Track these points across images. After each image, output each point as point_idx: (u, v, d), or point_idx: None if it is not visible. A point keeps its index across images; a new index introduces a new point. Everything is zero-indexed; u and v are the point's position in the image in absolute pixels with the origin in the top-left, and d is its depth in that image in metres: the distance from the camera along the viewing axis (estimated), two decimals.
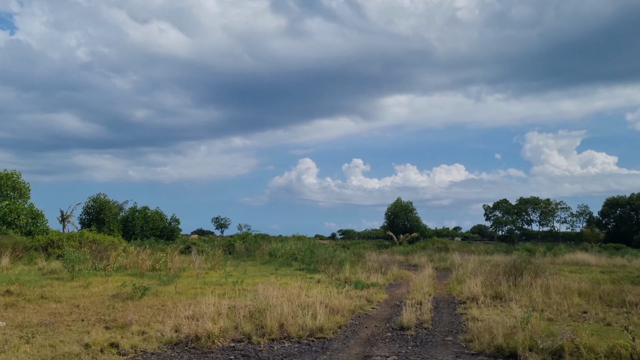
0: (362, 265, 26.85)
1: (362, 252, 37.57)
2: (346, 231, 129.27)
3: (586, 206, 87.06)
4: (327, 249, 30.69)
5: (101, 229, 50.20)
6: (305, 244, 40.14)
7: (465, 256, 38.78)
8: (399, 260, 40.51)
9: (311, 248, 35.72)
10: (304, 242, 47.11)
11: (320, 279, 22.29)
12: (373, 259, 41.57)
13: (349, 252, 46.13)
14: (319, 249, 33.46)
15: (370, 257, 42.54)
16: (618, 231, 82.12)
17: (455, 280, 22.30)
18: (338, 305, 13.92)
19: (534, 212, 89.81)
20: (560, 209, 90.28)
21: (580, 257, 38.82)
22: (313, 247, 38.44)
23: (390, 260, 37.95)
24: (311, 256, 27.84)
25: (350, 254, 39.48)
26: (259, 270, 27.94)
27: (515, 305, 15.11)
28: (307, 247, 37.06)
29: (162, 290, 17.27)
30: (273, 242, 45.26)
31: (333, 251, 28.76)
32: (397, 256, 43.54)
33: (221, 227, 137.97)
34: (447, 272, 30.30)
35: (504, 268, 20.03)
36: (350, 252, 41.57)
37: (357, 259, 35.26)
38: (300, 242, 43.87)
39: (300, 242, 42.51)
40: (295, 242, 40.31)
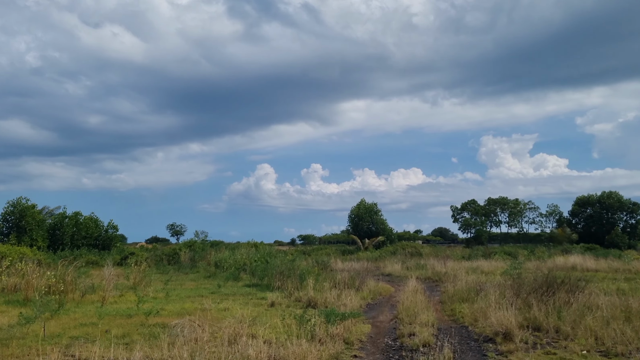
0: (328, 278, 21.14)
1: (325, 260, 31.81)
2: (306, 236, 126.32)
3: (556, 206, 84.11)
4: (285, 257, 24.76)
5: (22, 238, 42.95)
6: (259, 251, 34.19)
7: (445, 262, 33.57)
8: (369, 268, 35.01)
9: (266, 257, 29.80)
10: (259, 250, 41.17)
11: (274, 300, 16.44)
12: (341, 267, 35.96)
13: (311, 259, 40.30)
14: (275, 258, 27.60)
15: (337, 266, 36.90)
16: (589, 231, 78.98)
17: (456, 298, 16.77)
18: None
19: (502, 212, 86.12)
20: (528, 209, 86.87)
21: (573, 260, 34.09)
22: (268, 255, 32.49)
23: (362, 269, 32.37)
24: (265, 268, 21.86)
25: (313, 263, 33.65)
26: (198, 287, 21.89)
27: (575, 346, 9.64)
28: (262, 255, 31.09)
29: (27, 332, 11.11)
30: (224, 250, 39.01)
31: (292, 260, 22.86)
32: (365, 263, 38.03)
33: (177, 235, 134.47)
34: (432, 284, 24.87)
35: (530, 283, 14.54)
36: (313, 261, 35.78)
37: (321, 269, 29.57)
38: (254, 249, 37.86)
39: (254, 250, 36.46)
40: (248, 250, 34.26)
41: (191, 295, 18.51)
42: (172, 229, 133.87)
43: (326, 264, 29.25)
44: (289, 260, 21.99)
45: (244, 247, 49.31)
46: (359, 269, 33.97)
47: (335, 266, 36.52)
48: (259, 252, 34.68)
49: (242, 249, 38.31)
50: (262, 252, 35.09)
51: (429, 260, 40.63)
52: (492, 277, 24.42)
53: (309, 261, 37.46)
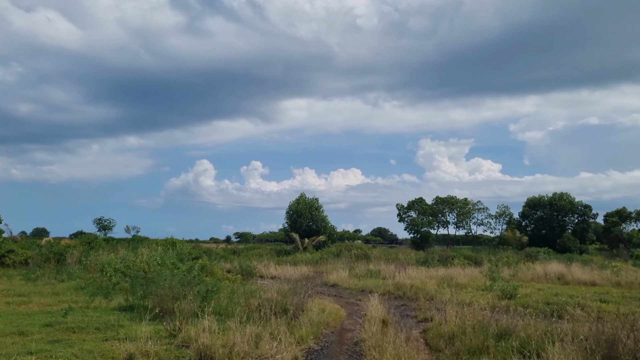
0: (247, 296, 13.77)
1: (251, 267, 24.25)
2: (243, 234, 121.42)
3: (506, 207, 79.48)
4: (189, 271, 16.92)
5: None
6: (169, 254, 26.25)
7: (404, 269, 26.83)
8: (309, 276, 27.89)
9: (174, 263, 22.01)
10: (178, 249, 33.27)
11: (142, 347, 8.92)
12: (274, 274, 28.60)
13: (239, 261, 32.64)
14: (176, 271, 19.91)
15: (270, 271, 29.50)
16: (539, 234, 74.94)
17: (461, 347, 9.67)
18: None
19: (450, 212, 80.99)
20: (477, 210, 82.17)
21: (556, 269, 28.11)
22: (179, 258, 24.74)
23: (300, 277, 25.18)
24: (158, 282, 13.93)
25: (237, 268, 26.07)
26: (49, 305, 14.05)
27: None
28: (170, 259, 23.22)
29: None
30: (121, 249, 30.71)
31: (189, 269, 14.88)
32: (304, 268, 30.84)
33: (104, 229, 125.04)
34: (397, 302, 17.86)
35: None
36: (238, 264, 28.20)
37: (245, 278, 22.14)
38: (170, 249, 29.85)
39: (170, 250, 28.42)
40: (151, 251, 26.26)
41: (10, 331, 10.67)
42: (100, 224, 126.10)
43: (251, 271, 21.99)
44: (186, 270, 14.28)
45: (161, 244, 41.14)
46: (296, 277, 26.82)
47: (267, 271, 29.17)
48: (169, 254, 26.78)
49: (148, 248, 30.13)
50: (171, 255, 27.25)
51: (379, 264, 33.90)
52: (481, 295, 17.74)
53: (235, 264, 29.92)
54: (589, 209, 74.05)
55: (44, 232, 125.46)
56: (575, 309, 15.29)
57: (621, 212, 76.20)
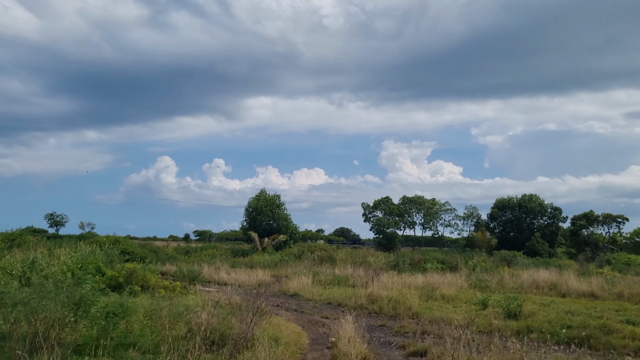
0: (175, 319, 9.80)
1: (195, 272, 20.04)
2: (202, 232, 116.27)
3: (474, 208, 76.81)
4: (78, 284, 12.43)
5: None
6: (96, 254, 21.86)
7: (377, 276, 23.18)
8: (266, 281, 24.00)
9: (98, 267, 17.81)
10: (121, 247, 29.14)
11: None
12: (225, 279, 24.52)
13: (181, 264, 28.46)
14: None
15: (220, 277, 25.48)
16: (507, 236, 72.64)
17: None
18: None
19: (417, 213, 78.02)
20: (444, 211, 79.45)
21: (546, 277, 24.92)
22: (109, 259, 20.50)
23: (254, 283, 21.28)
24: (31, 302, 9.72)
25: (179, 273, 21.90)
26: None
27: None
28: (92, 262, 18.95)
29: None
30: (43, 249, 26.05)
31: (77, 280, 10.68)
32: (260, 273, 26.83)
33: (56, 225, 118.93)
34: (374, 323, 14.09)
35: None
36: (180, 268, 24.00)
37: (187, 285, 18.18)
38: (112, 247, 25.42)
39: (97, 250, 23.94)
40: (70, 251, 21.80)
41: None
42: (51, 219, 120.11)
43: (196, 276, 17.91)
44: (74, 283, 10.12)
45: (101, 242, 36.54)
46: (251, 284, 22.90)
47: (217, 276, 25.14)
48: (103, 252, 22.44)
49: (86, 246, 25.63)
50: (108, 252, 22.95)
51: (346, 268, 30.27)
52: (475, 313, 14.18)
53: (180, 267, 25.76)
54: (559, 212, 72.14)
55: None
56: (605, 334, 11.90)
57: (588, 215, 74.63)
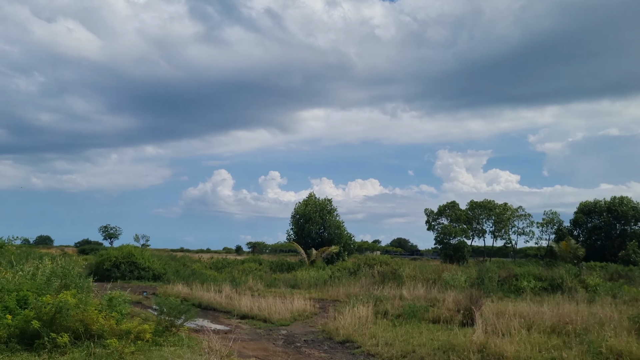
0: None
1: (185, 306, 12.64)
2: (256, 244, 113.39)
3: (555, 213, 66.91)
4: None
5: None
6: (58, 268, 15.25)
7: (466, 301, 15.43)
8: (303, 309, 16.70)
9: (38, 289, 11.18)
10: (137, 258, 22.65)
11: None
12: (246, 310, 17.12)
13: (195, 289, 21.39)
14: None
15: (241, 306, 18.14)
16: (594, 245, 62.73)
17: None
18: None
19: (487, 220, 68.97)
20: (517, 217, 70.00)
21: None
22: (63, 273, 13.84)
23: (289, 317, 14.03)
24: None
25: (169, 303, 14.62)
26: None
27: None
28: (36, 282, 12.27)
29: None
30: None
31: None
32: (298, 297, 19.32)
33: (110, 238, 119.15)
34: None
35: None
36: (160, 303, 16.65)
37: (175, 322, 10.98)
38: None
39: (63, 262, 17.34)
40: (36, 265, 15.23)
41: None
42: (105, 232, 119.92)
43: (183, 310, 10.74)
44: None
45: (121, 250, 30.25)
46: (282, 317, 15.64)
47: (238, 302, 18.00)
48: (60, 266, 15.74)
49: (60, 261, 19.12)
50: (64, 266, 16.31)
51: (417, 288, 22.64)
52: None
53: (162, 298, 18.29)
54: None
55: (48, 240, 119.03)
56: None
57: None
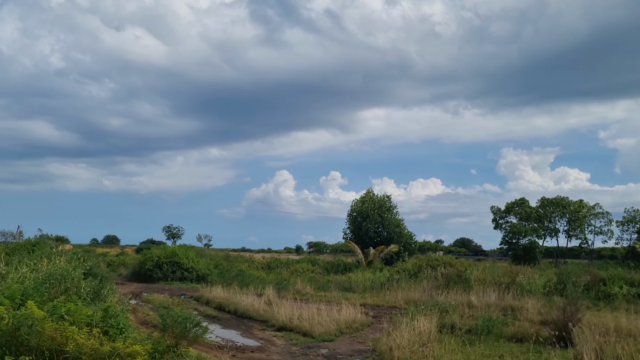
0: None
1: (195, 320, 10.33)
2: (316, 244, 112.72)
3: (637, 211, 60.84)
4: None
5: None
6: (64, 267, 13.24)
7: (561, 315, 12.34)
8: (354, 318, 14.04)
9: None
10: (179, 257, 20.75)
11: None
12: (285, 319, 14.55)
13: (232, 293, 19.04)
14: None
15: (279, 308, 15.50)
16: None
17: None
18: None
19: (561, 218, 63.87)
20: (593, 216, 64.45)
21: None
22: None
23: (334, 330, 11.46)
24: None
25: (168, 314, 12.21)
26: None
27: None
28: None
29: None
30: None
31: None
32: (344, 308, 16.55)
33: (173, 238, 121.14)
34: None
35: None
36: (164, 316, 14.32)
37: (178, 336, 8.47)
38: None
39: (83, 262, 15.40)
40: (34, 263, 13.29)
41: None
42: (168, 231, 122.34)
43: (189, 329, 8.51)
44: None
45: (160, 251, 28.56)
46: (327, 330, 13.05)
47: (277, 314, 15.51)
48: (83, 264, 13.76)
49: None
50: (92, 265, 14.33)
51: (488, 294, 19.61)
52: None
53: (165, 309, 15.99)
54: None
55: (115, 240, 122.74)
56: None
57: None
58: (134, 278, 29.63)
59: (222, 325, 14.64)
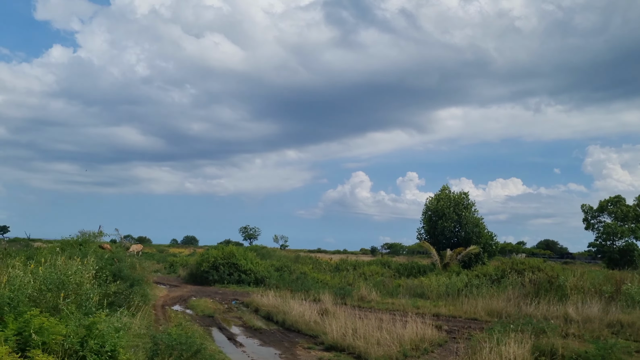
0: None
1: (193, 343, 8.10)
2: (392, 245, 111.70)
3: None
4: None
5: None
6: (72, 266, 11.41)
7: None
8: (419, 337, 11.36)
9: None
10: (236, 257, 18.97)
11: None
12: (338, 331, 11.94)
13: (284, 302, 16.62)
14: None
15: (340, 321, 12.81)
16: None
17: None
18: None
19: None
20: None
21: None
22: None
23: (389, 352, 8.71)
24: None
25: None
26: None
27: None
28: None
29: None
30: None
31: None
32: (411, 322, 13.80)
33: (250, 238, 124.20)
34: None
35: None
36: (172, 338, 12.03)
37: None
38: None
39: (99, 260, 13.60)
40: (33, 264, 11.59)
41: None
42: (245, 232, 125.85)
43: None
44: None
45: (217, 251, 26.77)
46: (388, 353, 10.38)
47: (329, 328, 12.98)
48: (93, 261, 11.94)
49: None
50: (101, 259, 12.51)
51: (589, 305, 16.25)
52: None
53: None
54: None
55: (194, 241, 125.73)
56: None
57: None
58: (191, 280, 28.09)
59: (261, 341, 12.33)
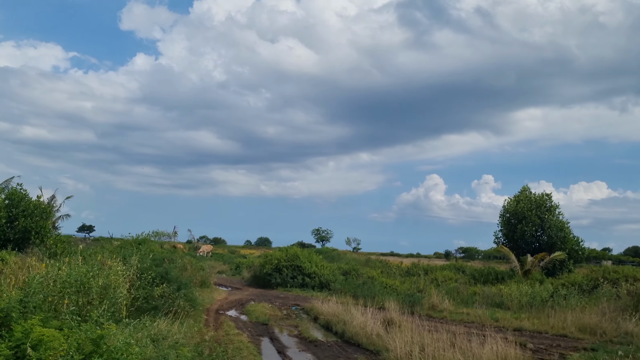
0: None
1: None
2: (467, 249, 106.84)
3: None
4: None
5: None
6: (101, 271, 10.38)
7: None
8: (499, 358, 9.62)
9: None
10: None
11: None
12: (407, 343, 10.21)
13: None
14: None
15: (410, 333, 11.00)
16: None
17: None
18: None
19: None
20: None
21: None
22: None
23: None
24: None
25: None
26: None
27: None
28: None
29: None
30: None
31: None
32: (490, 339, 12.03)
33: (322, 240, 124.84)
34: None
35: None
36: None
37: None
38: None
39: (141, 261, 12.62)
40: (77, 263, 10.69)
41: None
42: (317, 234, 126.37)
43: None
44: None
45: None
46: None
47: (392, 343, 11.40)
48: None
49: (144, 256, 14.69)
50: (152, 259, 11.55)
51: None
52: None
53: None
54: None
55: (267, 242, 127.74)
56: None
57: None
58: (254, 282, 27.17)
59: (315, 357, 10.88)
